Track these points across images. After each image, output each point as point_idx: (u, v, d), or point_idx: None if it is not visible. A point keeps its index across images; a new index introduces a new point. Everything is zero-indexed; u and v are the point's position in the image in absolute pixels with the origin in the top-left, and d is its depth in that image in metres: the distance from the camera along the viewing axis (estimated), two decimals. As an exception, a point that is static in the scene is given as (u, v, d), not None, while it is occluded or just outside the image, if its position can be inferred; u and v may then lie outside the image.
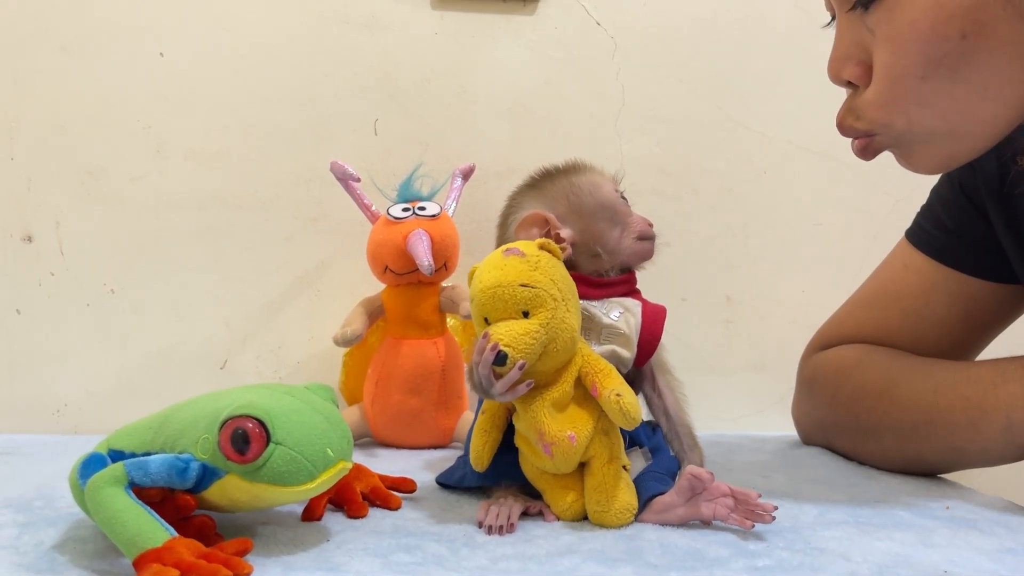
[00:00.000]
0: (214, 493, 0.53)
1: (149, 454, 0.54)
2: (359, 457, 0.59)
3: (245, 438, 0.51)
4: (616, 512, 0.59)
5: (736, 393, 1.08)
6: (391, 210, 0.91)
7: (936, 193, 0.82)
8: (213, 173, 0.99)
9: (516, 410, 0.61)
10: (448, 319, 0.93)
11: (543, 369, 0.59)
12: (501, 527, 0.58)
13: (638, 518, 0.60)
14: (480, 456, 0.63)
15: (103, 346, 0.98)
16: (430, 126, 1.02)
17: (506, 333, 0.57)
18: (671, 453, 0.66)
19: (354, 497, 0.63)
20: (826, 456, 0.83)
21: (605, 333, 0.64)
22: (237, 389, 0.58)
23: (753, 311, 1.08)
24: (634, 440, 0.65)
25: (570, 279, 0.61)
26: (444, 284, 0.92)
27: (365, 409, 0.91)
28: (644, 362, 0.66)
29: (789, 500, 0.67)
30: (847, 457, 0.82)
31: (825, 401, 0.83)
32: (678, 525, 0.59)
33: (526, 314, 0.58)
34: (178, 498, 0.53)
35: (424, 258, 0.84)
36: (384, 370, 0.89)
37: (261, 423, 0.51)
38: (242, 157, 1.00)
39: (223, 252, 1.00)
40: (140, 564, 0.47)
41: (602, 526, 0.59)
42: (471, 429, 0.64)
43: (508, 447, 0.63)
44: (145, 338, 0.99)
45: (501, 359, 0.56)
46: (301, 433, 0.52)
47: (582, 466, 0.61)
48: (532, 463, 0.62)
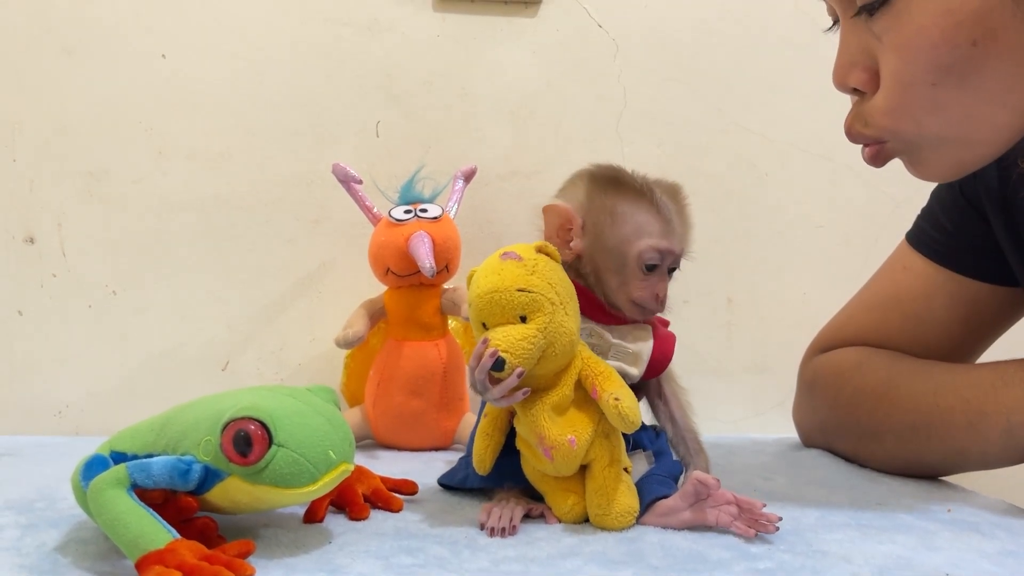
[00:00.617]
0: (216, 495, 0.53)
1: (151, 456, 0.54)
2: (360, 459, 0.59)
3: (247, 440, 0.51)
4: (617, 515, 0.59)
5: (737, 395, 1.08)
6: (393, 212, 0.91)
7: (936, 196, 0.82)
8: (215, 175, 0.99)
9: (517, 414, 0.61)
10: (450, 321, 0.93)
11: (542, 373, 0.59)
12: (503, 529, 0.58)
13: (640, 520, 0.60)
14: (483, 460, 0.63)
15: (105, 347, 0.99)
16: (432, 128, 1.02)
17: (504, 339, 0.57)
18: (674, 458, 0.66)
19: (356, 499, 0.63)
20: (827, 458, 0.84)
21: (614, 351, 0.64)
22: (239, 391, 0.58)
23: (754, 313, 1.08)
24: (637, 444, 0.65)
25: (569, 283, 0.61)
26: (446, 286, 0.92)
27: (367, 411, 0.91)
28: (650, 378, 0.67)
29: (790, 502, 0.67)
30: (848, 459, 0.82)
31: (826, 403, 0.83)
32: (680, 529, 0.59)
33: (524, 319, 0.58)
34: (180, 500, 0.53)
35: (426, 260, 0.85)
36: (386, 372, 0.89)
37: (263, 425, 0.51)
38: (244, 159, 1.00)
39: (225, 254, 1.00)
40: (142, 566, 0.47)
41: (603, 529, 0.59)
42: (473, 431, 0.64)
43: (510, 449, 0.63)
44: (147, 339, 0.99)
45: (499, 365, 0.56)
46: (303, 435, 0.52)
47: (583, 469, 0.61)
48: (533, 466, 0.62)
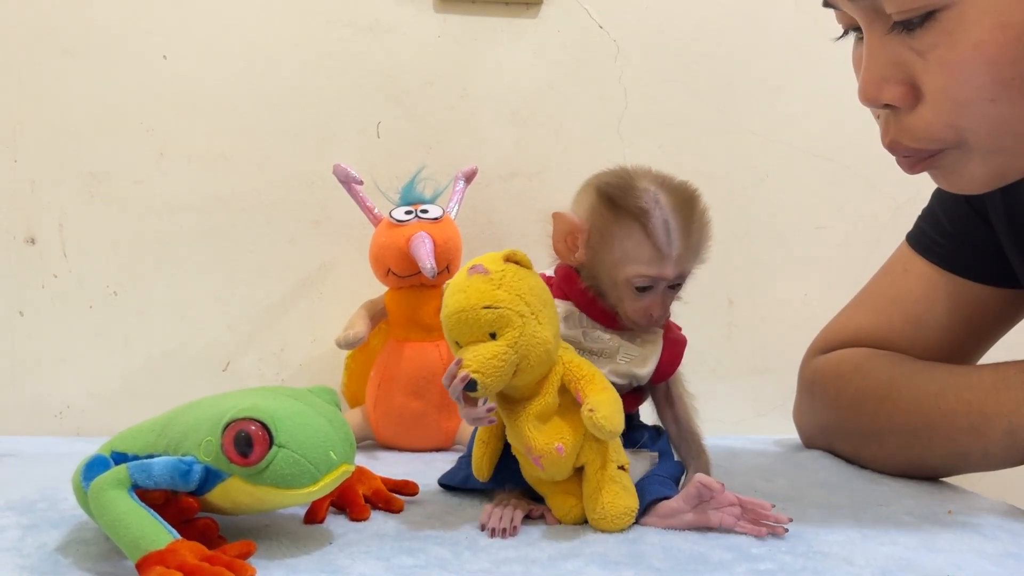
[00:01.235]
0: (217, 496, 0.53)
1: (152, 456, 0.54)
2: (361, 460, 0.59)
3: (248, 441, 0.51)
4: (614, 517, 0.58)
5: (738, 396, 1.08)
6: (394, 213, 0.91)
7: (937, 197, 0.82)
8: (216, 176, 1.00)
9: (505, 424, 0.61)
10: (450, 322, 0.93)
11: (522, 384, 0.58)
12: (504, 530, 0.58)
13: (641, 521, 0.60)
14: (480, 467, 0.62)
15: (106, 348, 0.99)
16: (433, 129, 1.02)
17: (474, 359, 0.56)
18: (675, 458, 0.66)
19: (356, 500, 0.63)
20: (828, 459, 0.83)
21: (622, 353, 0.64)
22: (240, 392, 0.58)
23: (755, 314, 1.08)
24: (635, 442, 0.65)
25: (543, 289, 0.59)
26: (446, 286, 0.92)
27: (367, 411, 0.91)
28: (659, 383, 0.66)
29: (791, 504, 0.67)
30: (849, 461, 0.82)
31: (826, 405, 0.83)
32: (682, 530, 0.59)
33: (494, 335, 0.57)
34: (181, 500, 0.53)
35: (426, 261, 0.85)
36: (386, 372, 0.89)
37: (264, 426, 0.51)
38: (245, 160, 1.00)
39: (226, 254, 1.00)
40: (143, 566, 0.47)
41: (602, 531, 0.59)
42: (474, 432, 0.64)
43: (510, 450, 0.63)
44: (148, 340, 0.99)
45: (471, 386, 0.56)
46: (304, 436, 0.52)
47: (581, 470, 0.61)
48: (529, 471, 0.62)
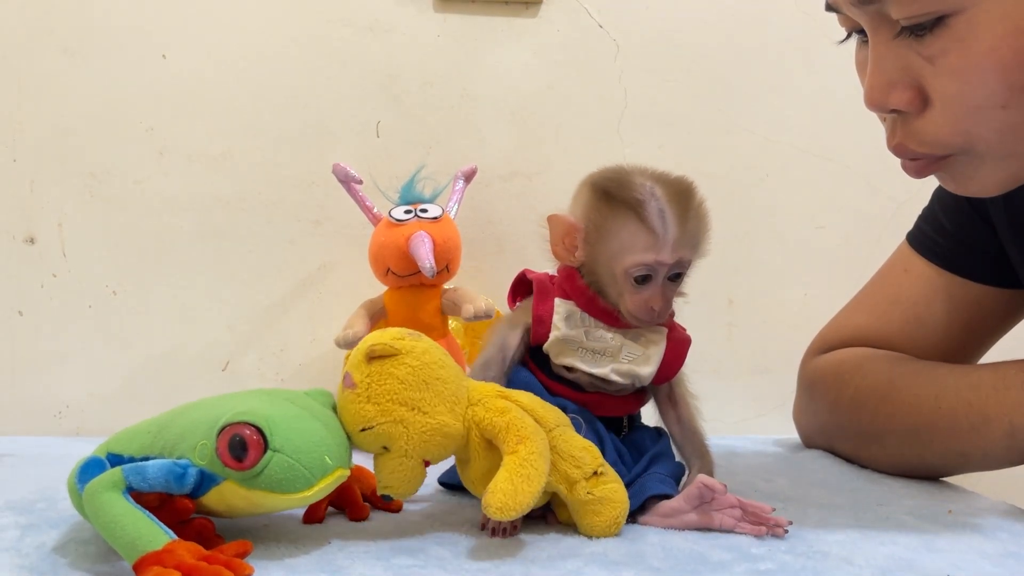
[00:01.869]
0: (212, 499, 0.53)
1: (148, 459, 0.54)
2: (360, 459, 0.59)
3: (243, 445, 0.50)
4: (601, 530, 0.58)
5: (738, 396, 1.08)
6: (393, 212, 0.91)
7: (937, 197, 0.82)
8: (216, 175, 0.99)
9: None
10: (450, 321, 0.93)
11: (438, 460, 0.58)
12: (504, 529, 0.58)
13: (641, 520, 0.60)
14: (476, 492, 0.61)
15: (105, 348, 0.98)
16: (432, 129, 1.02)
17: (380, 475, 0.57)
18: (676, 459, 0.66)
19: (355, 499, 0.62)
20: (828, 459, 0.83)
21: (625, 352, 0.63)
22: (237, 395, 0.57)
23: (755, 314, 1.08)
24: (640, 447, 0.65)
25: (418, 367, 0.56)
26: (446, 286, 0.92)
27: (367, 411, 0.91)
28: (661, 383, 0.66)
29: (792, 504, 0.67)
30: (849, 460, 0.82)
31: (826, 405, 0.83)
32: (682, 530, 0.59)
33: (387, 447, 0.56)
34: (177, 502, 0.53)
35: (426, 260, 0.85)
36: (386, 372, 0.89)
37: (259, 430, 0.51)
38: (245, 159, 1.00)
39: (225, 254, 1.00)
40: (140, 567, 0.47)
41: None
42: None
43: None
44: (147, 340, 0.99)
45: (388, 498, 0.60)
46: (299, 440, 0.52)
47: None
48: None
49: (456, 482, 0.68)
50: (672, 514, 0.59)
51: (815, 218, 1.08)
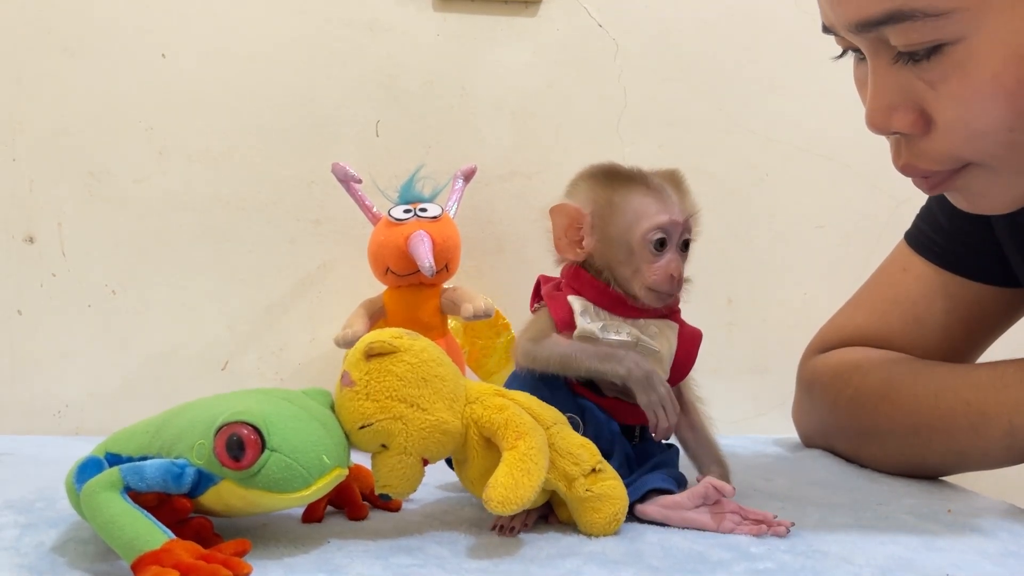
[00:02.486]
0: (210, 499, 0.53)
1: (146, 458, 0.54)
2: (359, 458, 0.59)
3: (240, 444, 0.50)
4: (600, 527, 0.58)
5: (738, 396, 1.08)
6: (392, 212, 0.91)
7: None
8: (215, 175, 0.99)
9: None
10: (449, 320, 0.93)
11: (437, 459, 0.58)
12: (512, 528, 0.58)
13: (640, 510, 0.60)
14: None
15: (104, 347, 0.98)
16: (432, 128, 1.02)
17: (379, 474, 0.56)
18: (679, 470, 0.66)
19: (355, 498, 0.63)
20: (828, 459, 0.83)
21: (640, 345, 0.63)
22: (235, 394, 0.57)
23: (755, 314, 1.08)
24: (648, 457, 0.64)
25: (417, 364, 0.56)
26: (445, 286, 0.92)
27: (366, 411, 0.91)
28: (676, 383, 0.66)
29: (791, 503, 0.67)
30: (849, 460, 0.82)
31: (825, 404, 0.83)
32: (680, 527, 0.59)
33: (385, 444, 0.56)
34: (175, 501, 0.53)
35: (425, 260, 0.85)
36: (385, 372, 0.89)
37: (257, 430, 0.51)
38: (244, 159, 1.00)
39: (225, 254, 1.00)
40: (139, 567, 0.47)
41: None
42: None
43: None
44: (147, 339, 0.99)
45: (386, 497, 0.59)
46: (297, 440, 0.52)
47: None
48: None
49: None
50: (673, 507, 0.59)
51: (815, 217, 1.08)
